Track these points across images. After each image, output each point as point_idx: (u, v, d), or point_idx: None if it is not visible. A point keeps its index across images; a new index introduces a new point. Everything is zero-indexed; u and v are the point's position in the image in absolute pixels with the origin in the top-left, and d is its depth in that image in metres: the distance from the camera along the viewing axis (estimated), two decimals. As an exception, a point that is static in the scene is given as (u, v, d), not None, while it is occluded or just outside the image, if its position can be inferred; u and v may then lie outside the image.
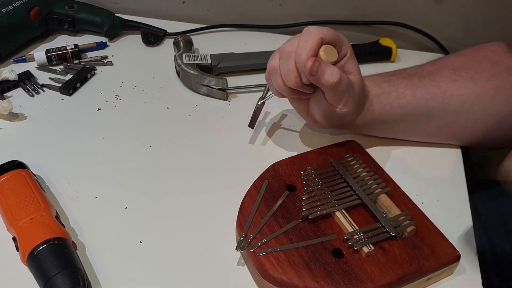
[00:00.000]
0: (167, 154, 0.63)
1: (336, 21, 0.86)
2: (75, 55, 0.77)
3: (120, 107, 0.70)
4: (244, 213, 0.52)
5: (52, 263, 0.46)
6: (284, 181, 0.56)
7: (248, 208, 0.53)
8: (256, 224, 0.51)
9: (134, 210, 0.56)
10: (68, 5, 0.81)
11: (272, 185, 0.55)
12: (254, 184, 0.56)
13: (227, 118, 0.69)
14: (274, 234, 0.50)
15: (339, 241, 0.50)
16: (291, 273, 0.46)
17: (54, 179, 0.59)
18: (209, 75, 0.72)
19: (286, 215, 0.52)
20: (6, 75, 0.70)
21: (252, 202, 0.53)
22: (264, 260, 0.48)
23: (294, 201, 0.53)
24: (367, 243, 0.48)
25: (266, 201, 0.53)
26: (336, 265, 0.47)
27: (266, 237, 0.50)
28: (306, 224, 0.51)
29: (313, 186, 0.54)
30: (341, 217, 0.51)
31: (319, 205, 0.52)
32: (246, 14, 0.87)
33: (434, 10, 0.82)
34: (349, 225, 0.50)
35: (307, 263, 0.47)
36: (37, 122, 0.67)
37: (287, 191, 0.55)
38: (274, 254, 0.48)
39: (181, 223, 0.55)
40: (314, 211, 0.51)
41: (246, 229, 0.50)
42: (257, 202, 0.53)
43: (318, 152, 0.60)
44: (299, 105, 0.59)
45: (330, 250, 0.49)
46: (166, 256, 0.52)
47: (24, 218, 0.49)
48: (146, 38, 0.82)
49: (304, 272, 0.47)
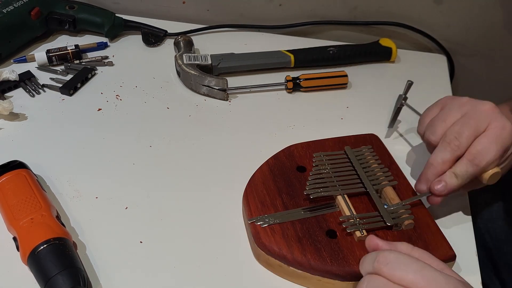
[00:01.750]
0: (167, 154, 0.63)
1: (336, 21, 0.86)
2: (76, 55, 0.77)
3: (121, 107, 0.70)
4: (252, 186, 0.55)
5: (53, 263, 0.46)
6: (297, 162, 0.58)
7: (257, 181, 0.56)
8: (261, 198, 0.54)
9: (134, 210, 0.56)
10: (69, 5, 0.81)
11: (284, 164, 0.58)
12: (267, 161, 0.58)
13: (228, 118, 0.69)
14: (275, 208, 0.53)
15: (335, 223, 0.51)
16: (282, 244, 0.49)
17: (55, 179, 0.59)
18: (209, 75, 0.72)
19: (290, 193, 0.54)
20: (6, 75, 0.70)
21: (263, 177, 0.56)
22: (260, 229, 0.51)
23: (301, 181, 0.56)
24: (361, 228, 0.50)
25: (275, 178, 0.56)
26: (327, 244, 0.49)
27: (268, 210, 0.52)
28: (308, 203, 0.53)
29: (322, 169, 0.56)
30: (341, 201, 0.53)
31: (322, 187, 0.54)
32: (246, 14, 0.87)
33: (434, 11, 0.82)
34: (348, 209, 0.52)
35: (299, 237, 0.50)
36: (38, 122, 0.67)
37: (297, 171, 0.57)
38: (271, 226, 0.51)
39: (181, 223, 0.55)
40: (317, 191, 0.53)
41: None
42: (265, 178, 0.56)
43: (336, 140, 0.62)
44: None
45: (325, 230, 0.51)
46: (166, 256, 0.52)
47: (25, 218, 0.50)
48: (147, 38, 0.82)
49: (294, 245, 0.49)
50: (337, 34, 0.87)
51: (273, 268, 0.50)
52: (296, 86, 0.73)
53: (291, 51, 0.78)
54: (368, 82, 0.77)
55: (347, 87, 0.75)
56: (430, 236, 0.51)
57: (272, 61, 0.77)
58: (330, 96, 0.74)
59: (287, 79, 0.74)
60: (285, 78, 0.74)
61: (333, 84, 0.74)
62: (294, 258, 0.48)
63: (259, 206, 0.53)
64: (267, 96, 0.73)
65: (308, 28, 0.87)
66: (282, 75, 0.75)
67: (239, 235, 0.54)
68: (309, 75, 0.74)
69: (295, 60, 0.77)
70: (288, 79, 0.73)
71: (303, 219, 0.52)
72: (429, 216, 0.53)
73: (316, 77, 0.74)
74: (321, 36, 0.87)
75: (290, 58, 0.77)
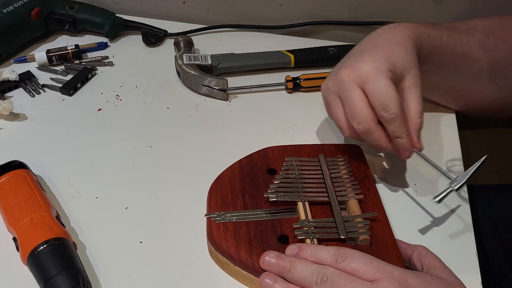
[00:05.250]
0: (167, 154, 0.63)
1: (336, 21, 0.86)
2: (76, 56, 0.77)
3: (121, 107, 0.70)
4: (218, 182, 0.56)
5: (53, 263, 0.46)
6: (269, 164, 0.58)
7: (224, 179, 0.56)
8: (223, 195, 0.54)
9: (134, 210, 0.56)
10: (69, 5, 0.81)
11: (256, 165, 0.57)
12: (240, 160, 0.58)
13: (228, 118, 0.69)
14: (234, 207, 0.53)
15: (290, 229, 0.51)
16: (231, 243, 0.49)
17: (55, 179, 0.59)
18: (209, 75, 0.72)
19: (254, 193, 0.54)
20: (7, 75, 0.70)
21: (231, 175, 0.56)
22: (214, 225, 0.51)
23: (268, 183, 0.55)
24: (312, 236, 0.49)
25: (243, 177, 0.56)
26: (276, 248, 0.48)
27: (227, 207, 0.53)
28: (268, 205, 0.53)
29: (290, 174, 0.56)
30: (301, 208, 0.52)
31: (285, 191, 0.53)
32: (246, 15, 0.87)
33: (434, 10, 0.82)
34: (304, 216, 0.51)
35: (250, 238, 0.50)
36: (38, 122, 0.67)
37: (267, 173, 0.56)
38: (226, 223, 0.51)
39: (181, 223, 0.55)
40: (277, 195, 0.53)
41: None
42: (233, 176, 0.56)
43: (315, 147, 0.61)
44: None
45: (278, 234, 0.50)
46: (167, 256, 0.52)
47: (25, 218, 0.50)
48: (147, 38, 0.82)
49: (243, 245, 0.49)
50: (337, 34, 0.87)
51: (222, 265, 0.50)
52: (296, 86, 0.73)
53: (291, 51, 0.78)
54: (368, 82, 0.77)
55: (347, 87, 0.75)
56: (385, 256, 0.48)
57: (272, 61, 0.77)
58: (330, 96, 0.74)
59: (287, 79, 0.74)
60: (285, 78, 0.74)
61: (333, 84, 0.74)
62: (239, 258, 0.48)
63: (219, 202, 0.53)
64: (267, 96, 0.73)
65: (308, 28, 0.87)
66: (282, 75, 0.75)
67: (239, 235, 0.54)
68: (309, 75, 0.74)
69: (295, 60, 0.77)
70: (288, 79, 0.73)
71: (259, 221, 0.51)
72: (390, 236, 0.50)
73: (316, 77, 0.74)
74: (321, 36, 0.87)
75: (290, 58, 0.77)
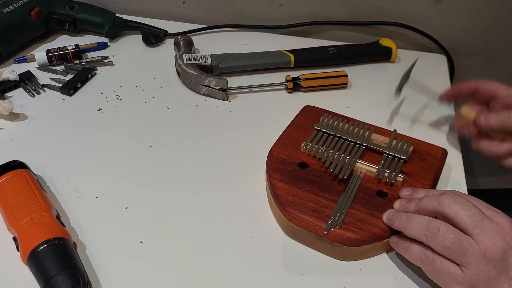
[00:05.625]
0: (167, 154, 0.63)
1: (336, 22, 0.86)
2: (76, 55, 0.77)
3: (121, 107, 0.70)
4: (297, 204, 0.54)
5: (53, 263, 0.46)
6: (293, 162, 0.58)
7: (295, 200, 0.54)
8: (309, 209, 0.53)
9: (134, 210, 0.56)
10: (69, 5, 0.81)
11: (287, 170, 0.57)
12: (270, 176, 0.56)
13: (228, 118, 0.69)
14: (329, 208, 0.53)
15: (374, 184, 0.55)
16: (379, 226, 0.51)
17: (55, 179, 0.59)
18: (209, 75, 0.72)
19: (322, 191, 0.54)
20: (7, 75, 0.70)
21: (287, 187, 0.55)
22: (346, 231, 0.51)
23: (315, 173, 0.56)
24: (397, 174, 0.55)
25: (295, 185, 0.55)
26: (386, 203, 0.53)
27: (325, 214, 0.52)
28: (336, 184, 0.55)
29: (322, 153, 0.58)
30: (362, 166, 0.57)
31: (341, 165, 0.56)
32: (246, 15, 0.87)
33: (434, 11, 0.82)
34: (373, 168, 0.56)
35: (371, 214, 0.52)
36: (38, 122, 0.67)
37: (299, 167, 0.57)
38: (346, 221, 0.52)
39: (181, 223, 0.55)
40: (344, 170, 0.55)
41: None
42: (292, 188, 0.55)
43: (294, 126, 0.63)
44: None
45: (375, 192, 0.54)
46: (167, 256, 0.52)
47: (25, 218, 0.50)
48: (147, 38, 0.82)
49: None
50: (337, 34, 0.87)
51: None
52: (296, 86, 0.73)
53: (291, 51, 0.78)
54: (368, 82, 0.77)
55: (347, 87, 0.76)
56: (424, 148, 0.60)
57: (272, 61, 0.77)
58: (330, 96, 0.74)
59: (287, 79, 0.74)
60: (285, 78, 0.74)
61: (333, 84, 0.74)
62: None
63: (315, 215, 0.52)
64: (267, 96, 0.73)
65: (308, 28, 0.87)
66: (282, 75, 0.75)
67: (239, 235, 0.54)
68: (309, 75, 0.74)
69: (295, 60, 0.77)
70: (288, 79, 0.73)
71: (355, 199, 0.54)
72: (409, 137, 0.61)
73: (316, 77, 0.74)
74: (321, 36, 0.88)
75: (290, 58, 0.77)
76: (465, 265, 0.43)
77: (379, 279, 0.50)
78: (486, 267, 0.43)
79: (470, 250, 0.43)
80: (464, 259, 0.43)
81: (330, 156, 0.58)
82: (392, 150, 0.58)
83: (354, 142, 0.60)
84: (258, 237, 0.54)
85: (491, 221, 0.44)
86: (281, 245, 0.53)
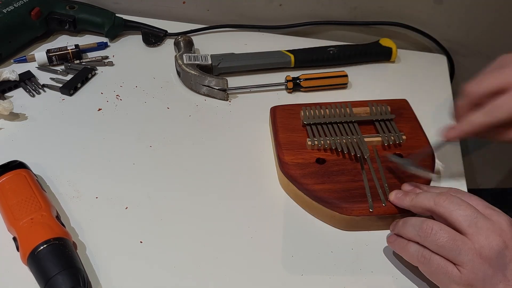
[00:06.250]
0: (167, 154, 0.63)
1: (336, 22, 0.86)
2: (76, 55, 0.77)
3: (121, 107, 0.70)
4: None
5: (53, 263, 0.46)
6: (310, 162, 0.58)
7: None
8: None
9: (134, 210, 0.56)
10: (69, 5, 0.81)
11: (313, 172, 0.57)
12: (303, 184, 0.56)
13: (228, 118, 0.69)
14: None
15: (385, 151, 0.59)
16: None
17: (55, 179, 0.59)
18: (209, 75, 0.72)
19: (349, 172, 0.57)
20: (7, 75, 0.70)
21: (326, 186, 0.56)
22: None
23: (336, 163, 0.58)
24: (398, 133, 0.60)
25: (331, 181, 0.56)
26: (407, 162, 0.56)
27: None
28: (359, 165, 0.58)
29: (333, 143, 0.59)
30: (367, 139, 0.60)
31: (356, 145, 0.59)
32: (246, 15, 0.87)
33: (434, 10, 0.82)
34: (377, 137, 0.60)
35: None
36: (38, 122, 0.67)
37: (319, 164, 0.58)
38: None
39: (181, 223, 0.55)
40: (363, 148, 0.58)
41: None
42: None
43: (283, 131, 0.62)
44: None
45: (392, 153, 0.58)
46: (167, 256, 0.52)
47: (25, 218, 0.50)
48: (147, 38, 0.82)
49: None
50: (337, 34, 0.87)
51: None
52: (296, 86, 0.73)
53: (291, 51, 0.78)
54: (368, 82, 0.77)
55: (347, 87, 0.76)
56: (392, 104, 0.64)
57: (272, 61, 0.77)
58: (330, 96, 0.74)
59: (287, 79, 0.74)
60: (285, 78, 0.74)
61: (333, 84, 0.74)
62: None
63: (366, 199, 0.54)
64: (267, 96, 0.73)
65: (308, 28, 0.87)
66: (282, 75, 0.75)
67: (239, 235, 0.54)
68: (309, 75, 0.74)
69: (295, 60, 0.77)
70: (288, 79, 0.73)
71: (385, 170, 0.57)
72: (378, 100, 0.65)
73: (316, 77, 0.74)
74: (321, 36, 0.87)
75: (290, 58, 0.77)
76: (461, 264, 0.44)
77: (379, 279, 0.50)
78: (481, 266, 0.43)
79: (465, 249, 0.43)
80: (459, 258, 0.44)
81: (340, 142, 0.59)
82: (379, 116, 0.62)
83: (346, 122, 0.62)
84: (258, 237, 0.54)
85: (487, 220, 0.44)
86: (281, 245, 0.53)
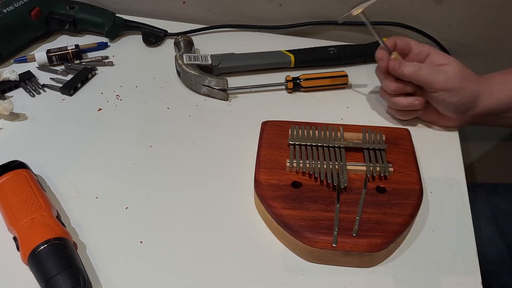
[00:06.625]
0: (167, 154, 0.63)
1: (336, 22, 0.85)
2: (76, 55, 0.77)
3: (121, 107, 0.70)
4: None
5: (53, 263, 0.46)
6: (285, 185, 0.55)
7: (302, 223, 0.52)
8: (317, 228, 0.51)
9: (134, 210, 0.56)
10: (69, 5, 0.81)
11: (285, 195, 0.54)
12: (270, 207, 0.53)
13: (228, 118, 0.69)
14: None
15: (369, 182, 0.55)
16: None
17: (55, 179, 0.59)
18: (209, 75, 0.72)
19: (322, 201, 0.53)
20: (7, 75, 0.70)
21: (294, 212, 0.52)
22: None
23: (312, 189, 0.54)
24: (386, 165, 0.57)
25: (301, 208, 0.53)
26: (390, 198, 0.54)
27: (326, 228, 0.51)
28: (335, 194, 0.54)
29: (312, 167, 0.56)
30: (351, 168, 0.57)
31: (336, 173, 0.56)
32: (246, 15, 0.87)
33: (434, 11, 0.82)
34: (362, 166, 0.57)
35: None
36: (38, 122, 0.67)
37: (294, 188, 0.55)
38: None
39: (181, 223, 0.55)
40: (341, 178, 0.55)
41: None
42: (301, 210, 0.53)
43: (266, 147, 0.59)
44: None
45: (374, 189, 0.54)
46: (167, 256, 0.52)
47: (25, 218, 0.50)
48: (147, 38, 0.82)
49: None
50: (337, 34, 0.87)
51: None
52: (296, 86, 0.73)
53: (291, 51, 0.78)
54: (368, 82, 0.77)
55: (347, 87, 0.76)
56: (390, 133, 0.62)
57: (272, 61, 0.77)
58: (330, 96, 0.74)
59: (287, 79, 0.74)
60: (285, 78, 0.74)
61: (333, 84, 0.74)
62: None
63: (335, 233, 0.50)
64: (267, 96, 0.73)
65: (308, 28, 0.87)
66: (282, 75, 0.75)
67: (239, 235, 0.54)
68: (309, 75, 0.74)
69: (295, 60, 0.77)
70: (288, 79, 0.73)
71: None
72: (374, 127, 0.63)
73: (316, 77, 0.74)
74: (321, 36, 0.87)
75: (290, 58, 0.77)
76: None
77: (379, 279, 0.50)
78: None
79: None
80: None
81: (320, 167, 0.56)
82: (370, 144, 0.59)
83: (333, 147, 0.59)
84: (258, 237, 0.54)
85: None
86: (281, 245, 0.53)
